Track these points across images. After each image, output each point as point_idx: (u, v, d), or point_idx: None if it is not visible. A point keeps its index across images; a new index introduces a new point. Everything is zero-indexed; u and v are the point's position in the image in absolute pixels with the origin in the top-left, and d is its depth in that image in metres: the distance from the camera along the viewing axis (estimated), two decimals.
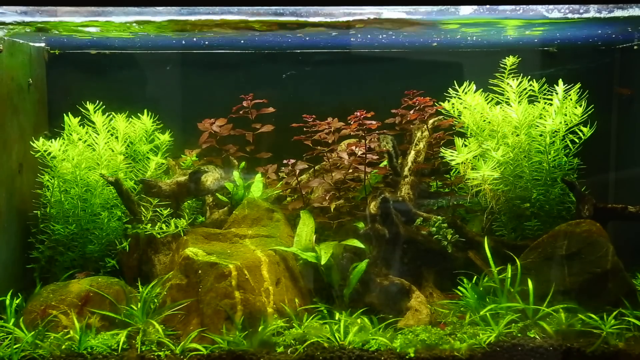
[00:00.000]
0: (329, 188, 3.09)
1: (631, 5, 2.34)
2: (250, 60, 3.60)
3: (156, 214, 3.05)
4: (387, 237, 2.85)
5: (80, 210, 3.04)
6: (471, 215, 3.17)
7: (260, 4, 2.26)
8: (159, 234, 2.98)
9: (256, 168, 3.36)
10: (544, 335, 2.41)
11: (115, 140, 3.14)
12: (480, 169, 2.83)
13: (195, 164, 3.38)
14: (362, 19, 2.56)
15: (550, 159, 2.95)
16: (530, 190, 2.98)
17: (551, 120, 2.88)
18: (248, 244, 2.78)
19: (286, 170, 3.24)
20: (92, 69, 3.53)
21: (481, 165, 2.83)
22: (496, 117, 2.94)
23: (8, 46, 2.95)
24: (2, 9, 2.33)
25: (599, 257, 2.59)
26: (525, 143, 2.94)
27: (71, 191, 3.03)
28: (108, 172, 3.04)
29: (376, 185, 3.16)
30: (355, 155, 3.04)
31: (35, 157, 2.98)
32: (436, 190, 3.32)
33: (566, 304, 2.52)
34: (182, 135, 3.45)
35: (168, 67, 3.56)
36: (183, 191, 3.12)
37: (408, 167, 3.20)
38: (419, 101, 3.25)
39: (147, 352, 2.36)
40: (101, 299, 2.60)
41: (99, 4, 2.24)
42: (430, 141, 3.26)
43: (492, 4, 2.34)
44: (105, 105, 3.16)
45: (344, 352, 2.35)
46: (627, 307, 2.50)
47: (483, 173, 2.83)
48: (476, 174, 2.85)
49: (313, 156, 3.21)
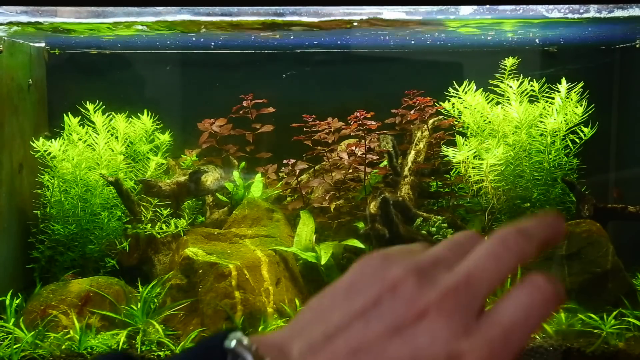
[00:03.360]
0: (329, 188, 3.09)
1: (631, 5, 2.34)
2: (251, 60, 3.60)
3: (156, 214, 3.05)
4: (387, 237, 2.85)
5: (80, 210, 3.04)
6: (471, 215, 3.17)
7: (260, 4, 2.26)
8: (159, 234, 2.98)
9: (256, 168, 3.36)
10: (544, 335, 2.41)
11: (115, 140, 3.14)
12: (485, 157, 2.82)
13: (195, 164, 3.38)
14: (361, 19, 2.56)
15: (551, 158, 2.95)
16: (531, 190, 2.99)
17: (552, 119, 2.88)
18: (248, 244, 2.78)
19: (286, 170, 3.24)
20: (92, 69, 3.53)
21: (484, 154, 2.82)
22: (497, 116, 2.94)
23: (8, 46, 2.95)
24: (2, 9, 2.33)
25: (599, 257, 2.59)
26: (525, 143, 2.94)
27: (71, 191, 3.03)
28: (108, 172, 3.04)
29: (376, 185, 3.16)
30: (355, 156, 3.04)
31: (35, 157, 2.98)
32: (436, 190, 3.32)
33: (566, 304, 2.52)
34: (182, 135, 3.45)
35: (168, 67, 3.56)
36: (183, 191, 3.12)
37: (408, 167, 3.20)
38: (419, 101, 3.25)
39: (147, 352, 2.36)
40: (101, 299, 2.60)
41: (99, 4, 2.24)
42: (430, 141, 3.26)
43: (492, 4, 2.34)
44: (105, 105, 3.16)
45: None
46: (627, 307, 2.50)
47: (486, 162, 2.82)
48: (480, 162, 2.84)
49: (313, 156, 3.21)
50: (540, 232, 0.51)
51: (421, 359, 0.44)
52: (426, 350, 0.44)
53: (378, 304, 0.47)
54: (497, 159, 2.83)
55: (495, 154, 2.81)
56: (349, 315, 0.47)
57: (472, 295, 0.47)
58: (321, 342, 0.46)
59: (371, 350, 0.45)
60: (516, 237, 0.50)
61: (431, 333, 0.45)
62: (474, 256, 0.49)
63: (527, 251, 0.50)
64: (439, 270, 0.49)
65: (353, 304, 0.48)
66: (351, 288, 0.50)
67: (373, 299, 0.47)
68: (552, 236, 0.52)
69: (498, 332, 0.46)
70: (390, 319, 0.46)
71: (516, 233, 0.50)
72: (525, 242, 0.50)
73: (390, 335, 0.45)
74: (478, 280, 0.47)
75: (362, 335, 0.46)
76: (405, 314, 0.46)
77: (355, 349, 0.45)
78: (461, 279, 0.47)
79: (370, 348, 0.45)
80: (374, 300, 0.47)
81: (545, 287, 0.49)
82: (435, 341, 0.44)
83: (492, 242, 0.50)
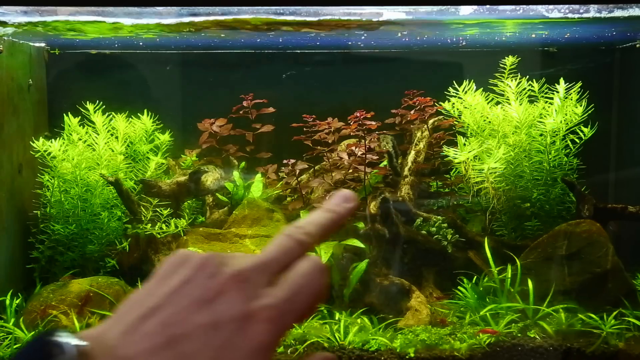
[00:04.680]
0: (329, 188, 3.09)
1: (631, 5, 2.34)
2: (251, 60, 3.60)
3: (156, 214, 3.05)
4: (387, 237, 2.85)
5: (80, 210, 3.04)
6: (471, 215, 3.17)
7: (260, 4, 2.26)
8: (159, 234, 2.98)
9: (256, 168, 3.36)
10: (544, 335, 2.41)
11: (115, 140, 3.14)
12: (485, 162, 2.82)
13: (195, 164, 3.38)
14: (361, 19, 2.56)
15: (551, 158, 2.95)
16: (531, 190, 2.99)
17: (552, 119, 2.88)
18: (248, 244, 2.78)
19: (286, 170, 3.24)
20: (92, 69, 3.53)
21: (486, 157, 2.83)
22: (497, 116, 2.94)
23: (8, 46, 2.95)
24: (2, 9, 2.33)
25: (599, 257, 2.59)
26: (525, 143, 2.94)
27: (71, 191, 3.03)
28: (108, 172, 3.04)
29: (376, 185, 3.16)
30: (355, 156, 3.04)
31: (35, 157, 2.98)
32: (436, 190, 3.32)
33: (566, 304, 2.52)
34: (182, 135, 3.45)
35: (168, 67, 3.56)
36: (183, 191, 3.12)
37: (408, 167, 3.20)
38: (419, 101, 3.25)
39: None
40: (101, 299, 2.60)
41: (99, 4, 2.24)
42: (430, 141, 3.26)
43: (492, 4, 2.34)
44: (105, 106, 3.16)
45: (344, 352, 2.35)
46: (627, 307, 2.50)
47: (487, 165, 2.82)
48: (481, 166, 2.84)
49: (313, 156, 3.21)
50: (318, 223, 0.64)
51: (221, 321, 0.54)
52: (225, 313, 0.54)
53: (186, 284, 0.57)
54: (497, 159, 2.83)
55: (496, 156, 2.81)
56: (160, 297, 0.56)
57: (261, 272, 0.58)
58: (136, 323, 0.55)
59: (180, 322, 0.54)
60: (296, 231, 0.62)
61: (228, 301, 0.55)
62: (266, 247, 0.61)
63: (308, 241, 0.62)
64: (236, 257, 0.60)
65: (164, 288, 0.57)
66: (163, 277, 0.59)
67: (182, 281, 0.57)
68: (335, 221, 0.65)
69: (284, 294, 0.57)
70: (196, 294, 0.56)
71: (295, 229, 0.62)
72: (304, 234, 0.62)
73: (196, 307, 0.55)
74: (268, 261, 0.59)
75: (172, 311, 0.55)
76: (209, 289, 0.56)
77: (167, 324, 0.54)
78: (254, 261, 0.59)
79: (179, 320, 0.54)
80: (183, 282, 0.57)
81: (319, 260, 0.61)
82: (231, 306, 0.55)
83: (280, 236, 0.62)
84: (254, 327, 0.55)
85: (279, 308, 0.56)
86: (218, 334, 0.54)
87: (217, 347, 0.53)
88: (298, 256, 0.60)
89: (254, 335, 0.54)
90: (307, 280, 0.58)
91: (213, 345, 0.53)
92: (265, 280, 0.58)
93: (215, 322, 0.54)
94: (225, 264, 0.58)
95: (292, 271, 0.59)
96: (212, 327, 0.54)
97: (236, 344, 0.54)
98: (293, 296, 0.57)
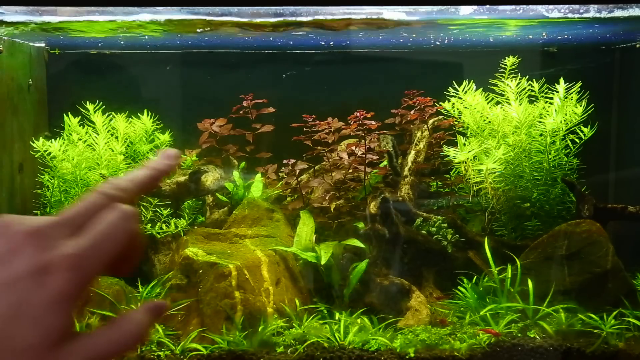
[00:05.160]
0: (329, 188, 3.09)
1: (631, 5, 2.34)
2: (251, 60, 3.60)
3: (156, 214, 3.05)
4: (387, 237, 2.85)
5: None
6: (471, 215, 3.17)
7: (260, 4, 2.26)
8: (159, 234, 2.98)
9: (256, 168, 3.36)
10: (544, 335, 2.41)
11: (115, 140, 3.14)
12: (485, 162, 2.82)
13: (195, 164, 3.38)
14: (361, 19, 2.56)
15: (551, 158, 2.95)
16: (531, 190, 2.99)
17: (552, 119, 2.88)
18: (248, 244, 2.78)
19: (286, 170, 3.24)
20: (92, 69, 3.53)
21: (484, 159, 2.83)
22: (497, 116, 2.94)
23: (8, 46, 2.95)
24: (2, 9, 2.33)
25: (599, 257, 2.59)
26: (525, 143, 2.94)
27: (71, 191, 3.04)
28: (108, 172, 3.04)
29: (376, 185, 3.16)
30: (355, 156, 3.04)
31: (35, 157, 2.98)
32: (436, 190, 3.32)
33: (566, 304, 2.52)
34: (182, 135, 3.45)
35: (168, 67, 3.56)
36: (183, 191, 3.12)
37: (408, 167, 3.20)
38: (419, 101, 3.25)
39: (147, 352, 2.36)
40: (101, 299, 2.60)
41: (99, 4, 2.24)
42: (430, 141, 3.26)
43: (492, 4, 2.34)
44: (105, 105, 3.16)
45: (344, 352, 2.35)
46: (627, 307, 2.50)
47: (487, 165, 2.82)
48: (480, 166, 2.84)
49: (313, 156, 3.21)
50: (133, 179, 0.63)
51: (16, 277, 0.54)
52: (20, 269, 0.54)
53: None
54: (497, 159, 2.83)
55: (496, 157, 2.81)
56: None
57: (62, 227, 0.57)
58: None
59: None
60: (106, 186, 0.61)
61: (24, 257, 0.55)
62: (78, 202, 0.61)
63: (118, 195, 0.61)
64: (35, 218, 0.59)
65: None
66: None
67: None
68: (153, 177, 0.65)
69: (86, 242, 0.56)
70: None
71: (107, 184, 0.62)
72: (114, 189, 0.61)
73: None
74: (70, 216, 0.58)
75: None
76: (1, 249, 0.55)
77: None
78: (54, 218, 0.58)
79: None
80: None
81: (127, 207, 0.59)
82: (27, 261, 0.54)
83: (89, 194, 0.61)
84: (52, 277, 0.54)
85: (79, 256, 0.55)
86: (13, 290, 0.53)
87: (13, 304, 0.53)
88: (99, 207, 0.59)
89: (54, 286, 0.54)
90: (112, 227, 0.58)
91: (8, 302, 0.53)
92: (67, 233, 0.57)
93: (10, 280, 0.54)
94: (21, 223, 0.57)
95: (97, 220, 0.58)
96: (7, 285, 0.53)
97: (34, 297, 0.53)
98: (96, 243, 0.57)
